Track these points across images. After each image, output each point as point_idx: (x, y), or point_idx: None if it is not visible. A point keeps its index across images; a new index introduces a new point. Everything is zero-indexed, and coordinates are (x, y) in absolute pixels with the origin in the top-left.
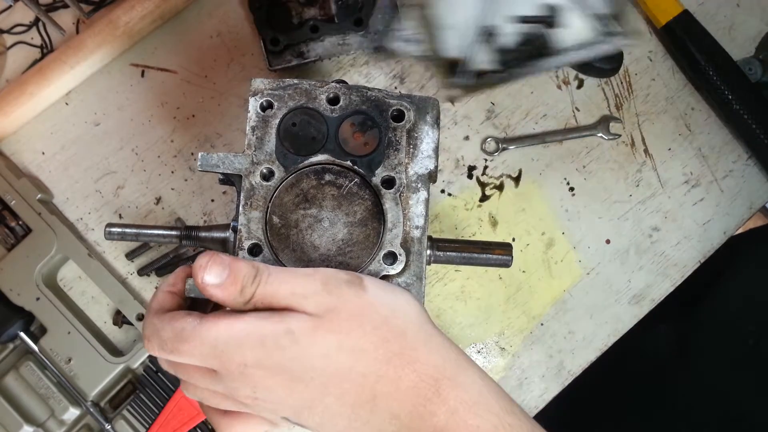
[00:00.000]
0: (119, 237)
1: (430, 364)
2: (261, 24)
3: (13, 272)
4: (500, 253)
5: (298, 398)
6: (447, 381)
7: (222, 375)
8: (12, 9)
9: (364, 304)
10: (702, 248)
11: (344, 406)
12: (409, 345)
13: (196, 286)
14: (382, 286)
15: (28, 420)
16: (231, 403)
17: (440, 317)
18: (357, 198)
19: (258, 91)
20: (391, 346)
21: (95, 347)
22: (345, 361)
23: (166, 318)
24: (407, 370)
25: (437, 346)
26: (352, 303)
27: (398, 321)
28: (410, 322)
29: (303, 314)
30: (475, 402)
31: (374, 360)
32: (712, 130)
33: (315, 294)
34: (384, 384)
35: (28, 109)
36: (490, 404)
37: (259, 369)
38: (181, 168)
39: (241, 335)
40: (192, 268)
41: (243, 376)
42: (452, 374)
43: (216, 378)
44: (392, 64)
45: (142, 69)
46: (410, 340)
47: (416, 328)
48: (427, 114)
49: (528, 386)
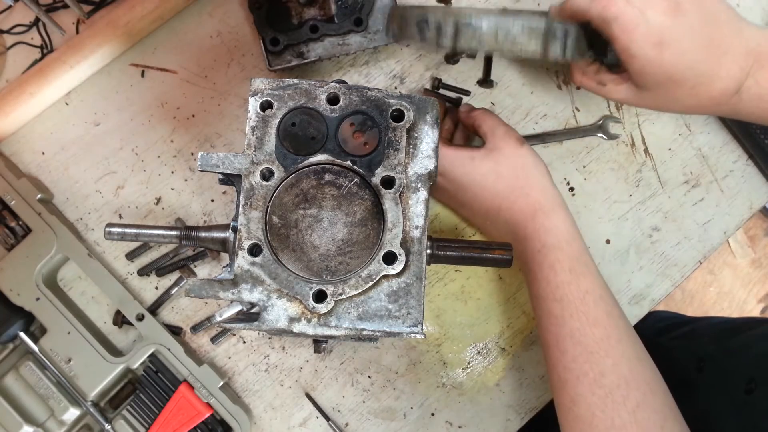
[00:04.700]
0: (119, 237)
1: (536, 200)
2: (261, 24)
3: (13, 272)
4: (500, 253)
5: (462, 198)
6: (541, 212)
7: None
8: (12, 9)
9: (517, 153)
10: (702, 248)
11: (482, 209)
12: (528, 185)
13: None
14: (531, 151)
15: (28, 420)
16: None
17: (440, 317)
18: (357, 198)
19: (258, 91)
20: (519, 181)
21: (95, 347)
22: (492, 179)
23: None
24: (522, 198)
25: (545, 194)
26: (510, 148)
27: (530, 170)
28: (535, 174)
29: (483, 149)
30: (554, 226)
31: (507, 185)
32: (712, 130)
33: (498, 135)
34: (507, 202)
35: (28, 109)
36: (562, 232)
37: (446, 175)
38: (181, 168)
39: (446, 152)
40: None
41: (440, 175)
42: (548, 210)
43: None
44: (392, 64)
45: (142, 69)
46: (531, 183)
47: (538, 178)
48: (427, 114)
49: (528, 386)
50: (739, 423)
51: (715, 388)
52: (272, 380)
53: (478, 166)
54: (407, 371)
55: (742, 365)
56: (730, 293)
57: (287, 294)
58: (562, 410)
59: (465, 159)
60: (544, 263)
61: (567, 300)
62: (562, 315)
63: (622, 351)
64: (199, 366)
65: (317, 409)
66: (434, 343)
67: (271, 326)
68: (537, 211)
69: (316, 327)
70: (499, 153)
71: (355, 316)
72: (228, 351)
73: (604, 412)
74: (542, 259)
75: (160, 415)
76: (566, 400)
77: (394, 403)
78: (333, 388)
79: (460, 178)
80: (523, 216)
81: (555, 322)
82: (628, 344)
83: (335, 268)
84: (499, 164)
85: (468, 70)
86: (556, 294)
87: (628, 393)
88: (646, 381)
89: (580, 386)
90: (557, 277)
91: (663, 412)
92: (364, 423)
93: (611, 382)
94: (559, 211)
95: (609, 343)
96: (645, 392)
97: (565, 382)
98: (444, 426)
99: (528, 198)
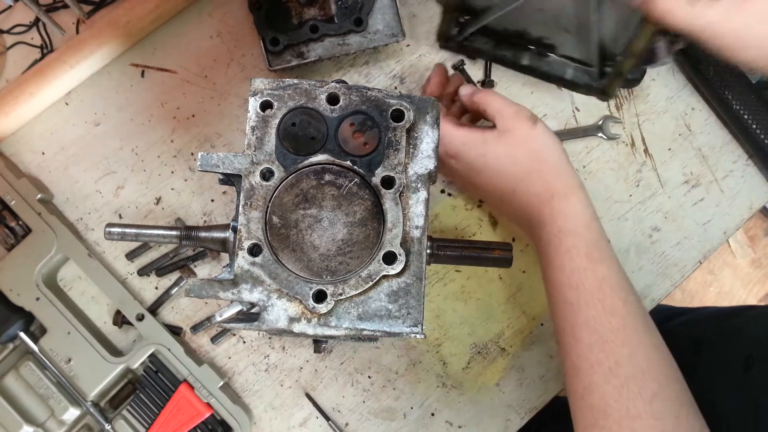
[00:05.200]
0: (119, 237)
1: (553, 184)
2: (261, 24)
3: (13, 272)
4: (500, 253)
5: (475, 180)
6: (558, 196)
7: (445, 150)
8: (12, 9)
9: (531, 134)
10: (702, 248)
11: (496, 192)
12: (544, 168)
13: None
14: (546, 130)
15: (28, 420)
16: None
17: (440, 317)
18: (357, 198)
19: (258, 91)
20: (535, 164)
21: (95, 347)
22: (507, 163)
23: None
24: (538, 182)
25: (562, 177)
26: (523, 130)
27: (545, 152)
28: (551, 155)
29: (495, 130)
30: (571, 210)
31: (522, 169)
32: (712, 130)
33: (507, 116)
34: (522, 185)
35: (28, 109)
36: (579, 217)
37: (458, 157)
38: (181, 168)
39: (458, 133)
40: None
41: (452, 158)
42: (565, 194)
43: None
44: (392, 64)
45: (142, 69)
46: (547, 166)
47: (554, 160)
48: (427, 114)
49: (528, 386)
50: (738, 401)
51: (714, 369)
52: (272, 380)
53: (491, 149)
54: (407, 371)
55: (738, 345)
56: (730, 293)
57: (287, 294)
58: (575, 398)
59: (477, 141)
60: (560, 248)
61: (583, 287)
62: (578, 302)
63: (638, 340)
64: (199, 366)
65: (317, 409)
66: (434, 343)
67: (271, 326)
68: (553, 195)
69: (316, 327)
70: (512, 135)
71: (355, 316)
72: (228, 351)
73: (618, 401)
74: (558, 243)
75: (160, 415)
76: (579, 388)
77: (394, 403)
78: (333, 388)
79: (474, 160)
80: (539, 200)
81: (570, 309)
82: (644, 333)
83: (335, 268)
84: (512, 147)
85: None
86: (572, 280)
87: (645, 383)
88: (662, 371)
89: (594, 375)
90: (573, 262)
91: (679, 402)
92: (364, 423)
93: (627, 371)
94: (577, 193)
95: (626, 332)
96: (661, 382)
97: (579, 370)
98: (444, 426)
99: (543, 182)
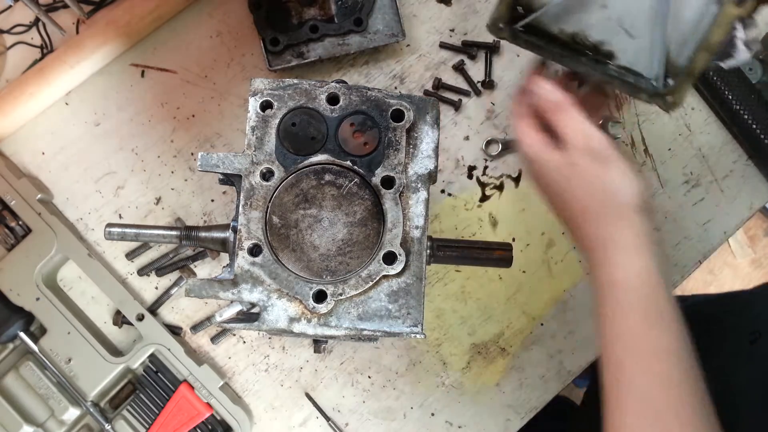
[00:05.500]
0: (119, 237)
1: (609, 232)
2: (261, 24)
3: (13, 272)
4: (500, 253)
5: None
6: (613, 245)
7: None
8: (12, 9)
9: (598, 178)
10: (702, 248)
11: (552, 207)
12: (603, 213)
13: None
14: (621, 172)
15: (28, 420)
16: None
17: (440, 317)
18: (357, 198)
19: (258, 91)
20: (593, 206)
21: (95, 347)
22: (564, 192)
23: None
24: (592, 226)
25: (622, 228)
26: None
27: (607, 197)
28: (616, 203)
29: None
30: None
31: (577, 207)
32: (712, 130)
33: (578, 148)
34: (576, 221)
35: (28, 109)
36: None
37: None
38: (181, 168)
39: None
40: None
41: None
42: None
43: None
44: (392, 64)
45: (142, 69)
46: (605, 212)
47: (615, 209)
48: (427, 114)
49: (528, 386)
50: (747, 372)
51: (720, 345)
52: (272, 380)
53: (553, 170)
54: (407, 371)
55: (744, 321)
56: None
57: (287, 294)
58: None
59: (544, 154)
60: (610, 298)
61: (635, 351)
62: (630, 370)
63: (692, 421)
64: (199, 366)
65: (317, 409)
66: (434, 343)
67: (271, 326)
68: (608, 241)
69: (316, 327)
70: (574, 170)
71: (355, 316)
72: (228, 351)
73: None
74: (608, 293)
75: (160, 415)
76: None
77: (394, 403)
78: (333, 388)
79: (537, 169)
80: (591, 243)
81: (620, 373)
82: (702, 414)
83: (335, 268)
84: (571, 181)
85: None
86: (625, 341)
87: None
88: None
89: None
90: (626, 320)
91: None
92: (364, 423)
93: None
94: (638, 249)
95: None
96: None
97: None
98: (444, 426)
99: (599, 228)
